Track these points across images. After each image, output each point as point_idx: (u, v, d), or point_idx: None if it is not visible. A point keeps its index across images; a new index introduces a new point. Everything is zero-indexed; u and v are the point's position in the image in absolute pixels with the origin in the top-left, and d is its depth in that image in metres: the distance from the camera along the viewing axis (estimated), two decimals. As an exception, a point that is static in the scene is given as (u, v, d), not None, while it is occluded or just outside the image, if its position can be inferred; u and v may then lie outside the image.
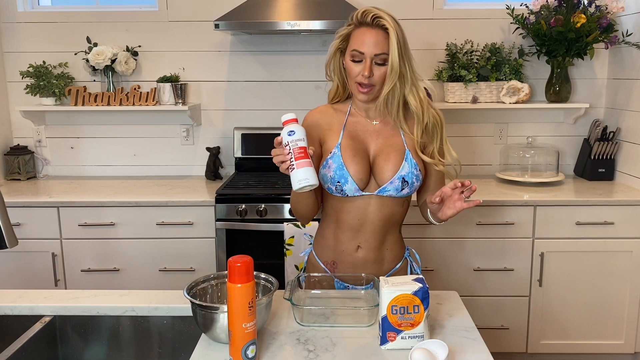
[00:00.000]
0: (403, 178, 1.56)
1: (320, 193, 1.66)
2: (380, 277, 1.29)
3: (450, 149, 1.63)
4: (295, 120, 1.35)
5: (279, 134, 3.46)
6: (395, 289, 1.22)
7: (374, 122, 1.62)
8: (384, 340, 1.24)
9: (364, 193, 1.58)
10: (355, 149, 1.57)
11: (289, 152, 1.33)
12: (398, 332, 1.23)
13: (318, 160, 1.60)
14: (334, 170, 1.56)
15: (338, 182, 1.56)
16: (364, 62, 1.50)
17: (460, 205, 1.48)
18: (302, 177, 1.32)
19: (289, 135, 1.33)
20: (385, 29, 1.48)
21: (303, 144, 1.33)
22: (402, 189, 1.57)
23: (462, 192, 1.46)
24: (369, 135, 1.61)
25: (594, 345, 2.76)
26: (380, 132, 1.61)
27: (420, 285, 1.23)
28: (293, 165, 1.32)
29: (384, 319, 1.23)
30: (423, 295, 1.22)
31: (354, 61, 1.52)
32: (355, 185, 1.56)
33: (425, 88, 1.64)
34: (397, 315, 1.22)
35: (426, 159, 1.59)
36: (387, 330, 1.23)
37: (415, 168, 1.58)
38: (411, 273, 1.71)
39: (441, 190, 1.48)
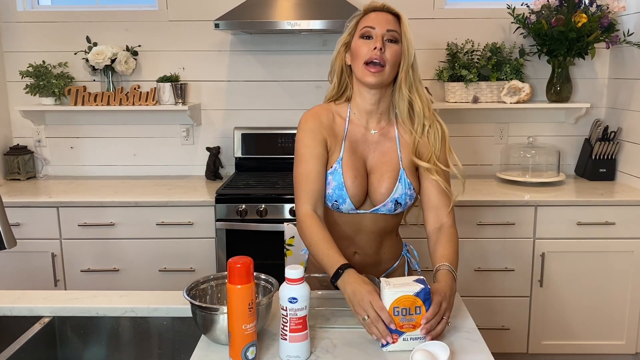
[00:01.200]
0: (396, 200, 1.52)
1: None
2: (382, 279, 1.28)
3: (450, 162, 1.54)
4: (301, 280, 1.17)
5: (279, 134, 3.44)
6: (397, 290, 1.22)
7: (373, 132, 1.56)
8: (385, 342, 1.23)
9: (359, 211, 1.55)
10: (355, 167, 1.52)
11: (285, 319, 1.18)
12: (400, 333, 1.22)
13: (324, 164, 1.53)
14: (333, 188, 1.52)
15: (336, 200, 1.53)
16: (374, 38, 1.45)
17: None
18: (291, 353, 1.18)
19: (290, 302, 1.16)
20: (395, 15, 1.48)
21: (303, 313, 1.17)
22: (395, 210, 1.54)
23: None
24: (367, 147, 1.55)
25: (595, 346, 2.75)
26: (378, 144, 1.55)
27: (422, 286, 1.23)
28: (286, 336, 1.18)
29: None
30: (425, 297, 1.22)
31: (362, 38, 1.46)
32: (352, 205, 1.53)
33: (425, 87, 1.62)
34: (399, 317, 1.21)
35: (421, 163, 1.51)
36: (389, 332, 1.22)
37: (409, 188, 1.52)
38: (409, 270, 1.70)
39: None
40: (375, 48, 1.43)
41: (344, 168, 1.51)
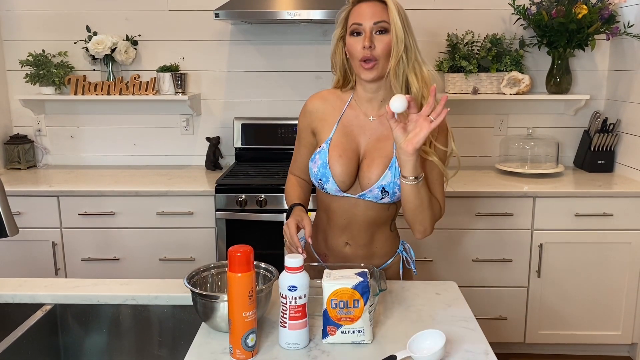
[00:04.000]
0: (383, 188, 1.50)
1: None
2: (325, 270, 1.27)
3: (450, 141, 1.51)
4: (301, 269, 1.19)
5: (278, 124, 3.43)
6: (335, 282, 1.20)
7: (371, 119, 1.55)
8: (324, 334, 1.23)
9: (345, 194, 1.54)
10: (344, 147, 1.53)
11: (285, 307, 1.19)
12: (338, 326, 1.21)
13: (310, 151, 1.61)
14: (318, 166, 1.53)
15: (320, 179, 1.53)
16: (363, 34, 1.44)
17: (427, 126, 1.31)
18: (291, 340, 1.20)
19: (290, 290, 1.18)
20: (382, 1, 1.44)
21: (303, 301, 1.19)
22: (382, 198, 1.52)
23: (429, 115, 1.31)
24: (363, 133, 1.55)
25: (591, 336, 2.78)
26: (375, 130, 1.54)
27: (361, 279, 1.21)
28: (285, 323, 1.20)
29: (325, 312, 1.22)
30: (363, 290, 1.20)
31: (353, 36, 1.46)
32: (336, 186, 1.52)
33: None
34: (337, 310, 1.21)
35: None
36: (327, 324, 1.22)
37: (398, 178, 1.48)
38: (404, 268, 1.67)
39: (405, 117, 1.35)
40: (364, 47, 1.43)
41: (331, 147, 1.53)
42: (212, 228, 2.71)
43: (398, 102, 1.31)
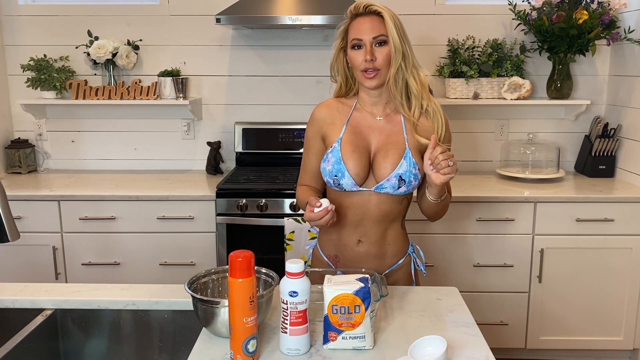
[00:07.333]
0: (400, 176, 1.55)
1: (324, 186, 1.68)
2: (326, 275, 1.27)
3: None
4: (302, 274, 1.18)
5: (279, 129, 3.44)
6: (337, 288, 1.20)
7: (378, 118, 1.62)
8: (325, 340, 1.23)
9: (361, 188, 1.58)
10: (355, 144, 1.58)
11: (286, 313, 1.19)
12: (339, 332, 1.21)
13: (320, 157, 1.64)
14: (332, 164, 1.58)
15: (335, 175, 1.57)
16: (364, 47, 1.53)
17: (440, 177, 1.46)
18: (292, 346, 1.20)
19: (291, 296, 1.18)
20: (379, 14, 1.53)
21: (304, 307, 1.19)
22: (399, 187, 1.56)
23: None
24: (372, 132, 1.61)
25: (592, 342, 2.77)
26: (384, 128, 1.61)
27: (362, 284, 1.21)
28: (286, 329, 1.19)
29: (326, 318, 1.22)
30: (364, 295, 1.20)
31: (354, 49, 1.54)
32: (352, 180, 1.56)
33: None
34: (338, 315, 1.20)
35: (424, 140, 1.57)
36: (328, 329, 1.22)
37: (414, 167, 1.56)
38: (414, 270, 1.71)
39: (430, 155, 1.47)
40: (366, 60, 1.52)
41: (343, 145, 1.59)
42: (213, 233, 2.70)
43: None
